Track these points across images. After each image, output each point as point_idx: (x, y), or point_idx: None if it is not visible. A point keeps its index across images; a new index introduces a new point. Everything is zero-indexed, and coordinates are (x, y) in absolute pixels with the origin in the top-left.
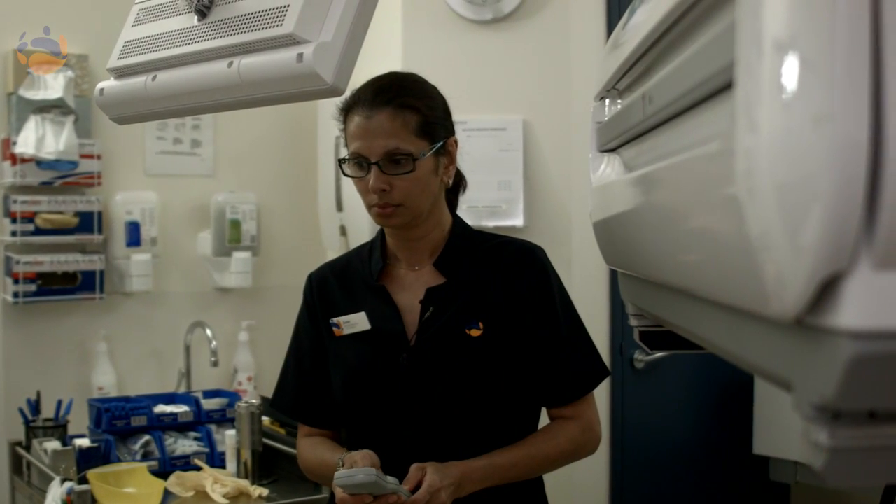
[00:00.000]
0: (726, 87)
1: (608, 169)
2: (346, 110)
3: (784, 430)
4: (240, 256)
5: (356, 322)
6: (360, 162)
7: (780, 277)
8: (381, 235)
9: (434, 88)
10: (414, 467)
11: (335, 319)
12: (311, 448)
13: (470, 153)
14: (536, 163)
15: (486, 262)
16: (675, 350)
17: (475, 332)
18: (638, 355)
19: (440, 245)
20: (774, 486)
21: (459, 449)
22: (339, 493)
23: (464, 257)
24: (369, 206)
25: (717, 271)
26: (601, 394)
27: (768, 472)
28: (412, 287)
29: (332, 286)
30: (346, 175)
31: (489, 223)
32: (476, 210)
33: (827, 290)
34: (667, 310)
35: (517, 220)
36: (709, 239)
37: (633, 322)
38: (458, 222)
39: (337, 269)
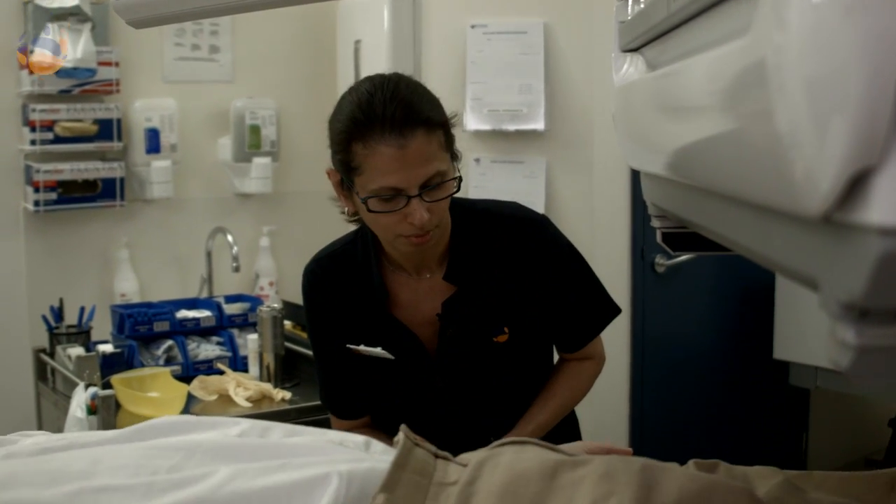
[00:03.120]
0: None
1: (631, 69)
2: (354, 138)
3: (805, 335)
4: (260, 162)
5: (375, 352)
6: (390, 196)
7: (809, 173)
8: (373, 239)
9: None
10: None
11: (350, 346)
12: None
13: (490, 57)
14: (557, 66)
15: (495, 254)
16: (698, 252)
17: (502, 338)
18: (659, 259)
19: (446, 247)
20: (794, 391)
21: (493, 412)
22: None
23: (471, 259)
24: (397, 236)
25: (745, 169)
26: (622, 300)
27: (788, 377)
28: (425, 298)
29: (334, 300)
30: (370, 212)
31: (510, 127)
32: (497, 114)
33: (856, 186)
34: (691, 210)
35: (538, 125)
36: (735, 137)
37: (655, 223)
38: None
39: (336, 277)
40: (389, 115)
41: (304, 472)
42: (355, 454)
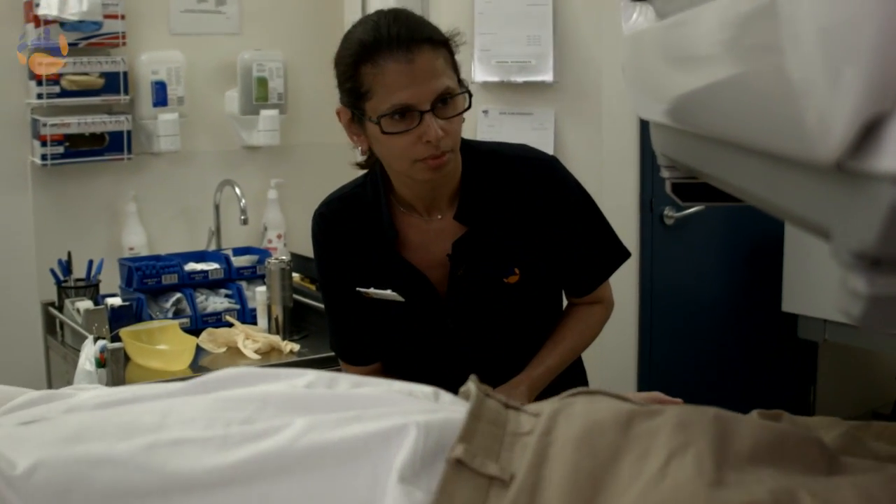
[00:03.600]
0: None
1: (640, 18)
2: (362, 60)
3: (813, 287)
4: (267, 114)
5: (386, 294)
6: (403, 114)
7: (821, 120)
8: (383, 181)
9: None
10: None
11: (360, 289)
12: None
13: (498, 8)
14: (566, 17)
15: (505, 195)
16: (707, 202)
17: (513, 279)
18: (668, 211)
19: (456, 187)
20: (803, 344)
21: (502, 353)
22: None
23: (481, 199)
24: (414, 161)
25: (757, 117)
26: (631, 251)
27: (797, 330)
28: (435, 239)
29: (344, 242)
30: (385, 133)
31: (518, 79)
32: (505, 66)
33: (870, 134)
34: (702, 160)
35: (547, 76)
36: (747, 84)
37: (664, 174)
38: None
39: (345, 219)
40: (395, 34)
41: (381, 423)
42: (426, 405)
